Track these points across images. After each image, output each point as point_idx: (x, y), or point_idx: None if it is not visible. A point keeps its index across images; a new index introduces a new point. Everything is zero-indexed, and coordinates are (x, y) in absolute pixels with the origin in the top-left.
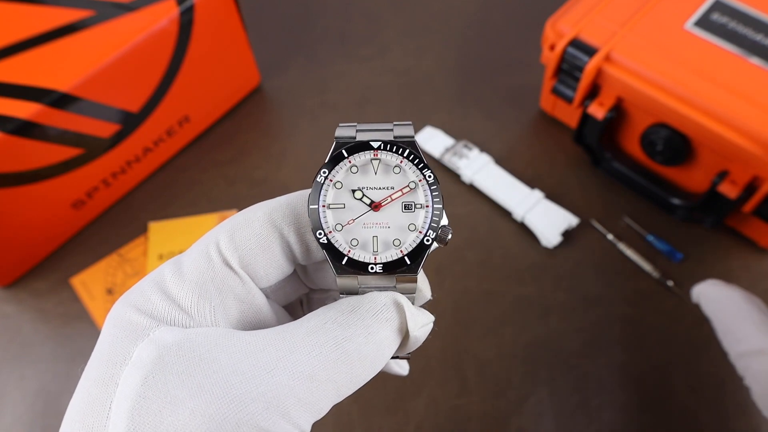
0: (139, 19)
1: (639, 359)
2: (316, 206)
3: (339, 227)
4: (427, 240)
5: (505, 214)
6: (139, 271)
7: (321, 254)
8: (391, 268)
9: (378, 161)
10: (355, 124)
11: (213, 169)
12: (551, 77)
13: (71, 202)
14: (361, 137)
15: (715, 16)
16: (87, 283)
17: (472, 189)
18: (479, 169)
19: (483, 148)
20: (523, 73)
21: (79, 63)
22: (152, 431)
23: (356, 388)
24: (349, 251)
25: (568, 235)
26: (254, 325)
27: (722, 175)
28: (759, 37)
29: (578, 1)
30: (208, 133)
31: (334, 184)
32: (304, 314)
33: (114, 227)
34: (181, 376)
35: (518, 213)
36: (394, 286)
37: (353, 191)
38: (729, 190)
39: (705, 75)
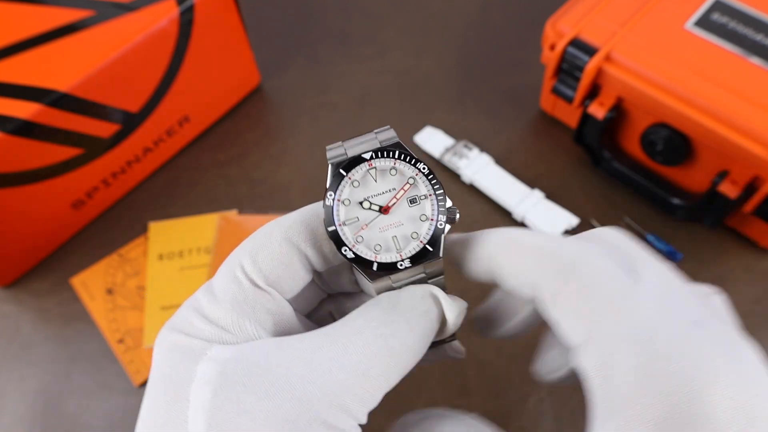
0: (139, 19)
1: None
2: (334, 227)
3: (360, 239)
4: (440, 224)
5: (505, 214)
6: (139, 271)
7: (337, 259)
8: (418, 258)
9: (374, 169)
10: (341, 142)
11: (213, 169)
12: (551, 77)
13: (71, 202)
14: (351, 152)
15: (716, 16)
16: (87, 283)
17: (472, 189)
18: (479, 169)
19: (483, 148)
20: (523, 73)
21: (79, 63)
22: None
23: (403, 375)
24: (375, 257)
25: (568, 235)
26: (287, 333)
27: (722, 175)
28: (759, 37)
29: (578, 1)
30: (208, 133)
31: (343, 202)
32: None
33: (114, 227)
34: (246, 386)
35: (518, 213)
36: (424, 272)
37: (361, 203)
38: (729, 190)
39: (705, 75)
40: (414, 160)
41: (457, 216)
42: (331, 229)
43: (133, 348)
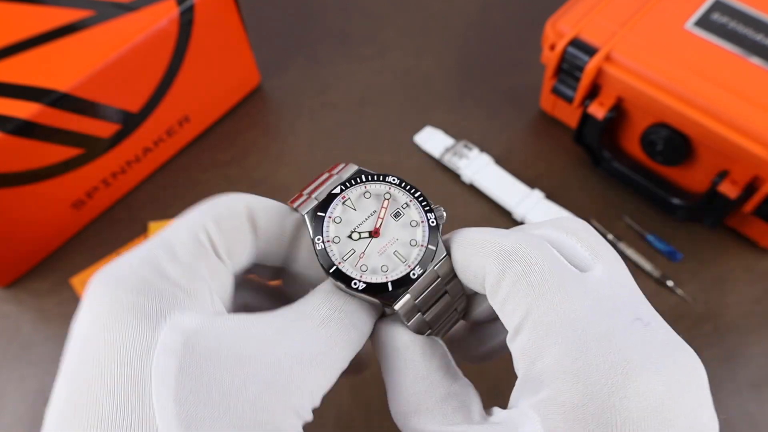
0: (139, 19)
1: None
2: (335, 266)
3: (364, 267)
4: (432, 223)
5: (505, 213)
6: None
7: (278, 260)
8: (425, 261)
9: (349, 200)
10: (304, 194)
11: (213, 169)
12: (551, 77)
13: (71, 202)
14: (321, 197)
15: (716, 16)
16: (87, 283)
17: (472, 189)
18: (479, 169)
19: (483, 148)
20: (523, 73)
21: (79, 63)
22: (207, 424)
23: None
24: (386, 278)
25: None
26: (222, 312)
27: (722, 175)
28: (759, 37)
29: (578, 1)
30: (208, 133)
31: (333, 241)
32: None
33: (114, 227)
34: (215, 364)
35: (518, 213)
36: (438, 275)
37: (350, 236)
38: (729, 190)
39: (705, 75)
40: (382, 177)
41: (444, 213)
42: (333, 270)
43: None
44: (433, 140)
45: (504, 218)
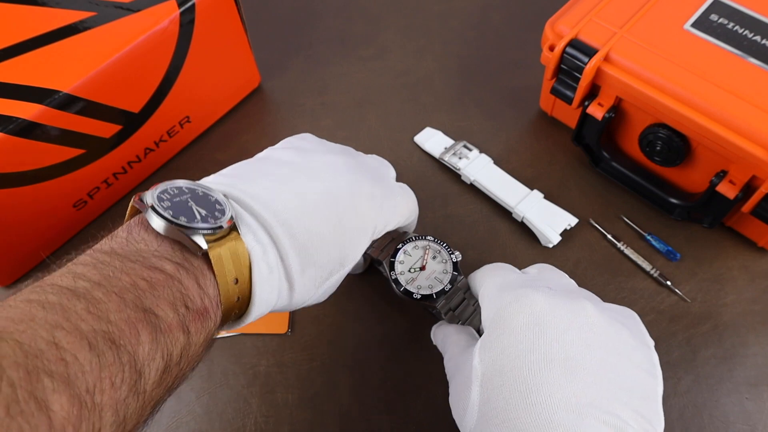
0: (140, 20)
1: None
2: (403, 287)
3: (419, 287)
4: (454, 259)
5: (505, 213)
6: None
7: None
8: (453, 281)
9: (406, 251)
10: (378, 250)
11: (214, 169)
12: (550, 78)
13: (73, 202)
14: (391, 251)
15: (714, 17)
16: None
17: (472, 189)
18: (479, 169)
19: (483, 149)
20: (523, 73)
21: (80, 64)
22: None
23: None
24: (431, 291)
25: (567, 234)
26: None
27: (721, 175)
28: (757, 38)
29: (577, 1)
30: (209, 133)
31: (401, 273)
32: None
33: (115, 227)
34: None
35: (518, 213)
36: (459, 289)
37: (410, 270)
38: (727, 190)
39: (704, 75)
40: (424, 237)
41: (460, 255)
42: (402, 290)
43: None
44: (432, 140)
45: (504, 218)
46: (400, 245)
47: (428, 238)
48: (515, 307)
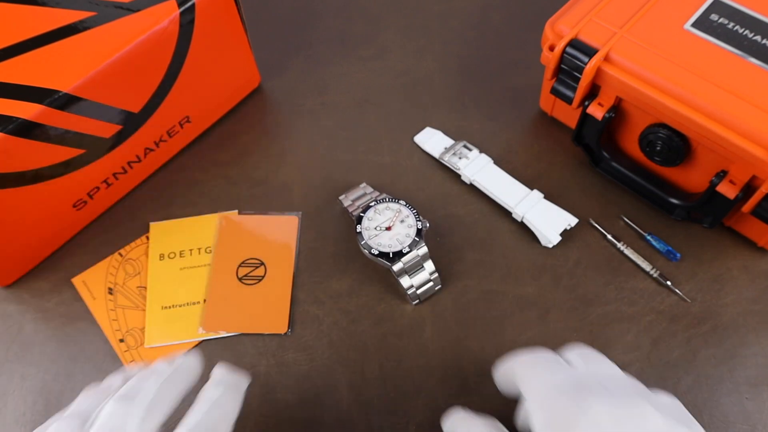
0: (140, 20)
1: (638, 358)
2: (365, 240)
3: (379, 244)
4: (419, 226)
5: (505, 213)
6: (140, 270)
7: None
8: (412, 245)
9: (377, 209)
10: (350, 200)
11: (213, 169)
12: (550, 78)
13: (72, 202)
14: (363, 205)
15: (714, 17)
16: (88, 283)
17: (472, 189)
18: (479, 169)
19: (483, 149)
20: (523, 73)
21: (80, 64)
22: None
23: None
24: (389, 250)
25: (567, 234)
26: None
27: (721, 175)
28: (758, 38)
29: (578, 1)
30: (209, 133)
31: (366, 229)
32: None
33: (115, 227)
34: None
35: (518, 213)
36: (418, 254)
37: (375, 228)
38: (728, 190)
39: (704, 75)
40: (396, 200)
41: (427, 224)
42: (363, 242)
43: (134, 347)
44: (432, 140)
45: (504, 218)
46: (372, 203)
47: (401, 202)
48: (577, 417)
